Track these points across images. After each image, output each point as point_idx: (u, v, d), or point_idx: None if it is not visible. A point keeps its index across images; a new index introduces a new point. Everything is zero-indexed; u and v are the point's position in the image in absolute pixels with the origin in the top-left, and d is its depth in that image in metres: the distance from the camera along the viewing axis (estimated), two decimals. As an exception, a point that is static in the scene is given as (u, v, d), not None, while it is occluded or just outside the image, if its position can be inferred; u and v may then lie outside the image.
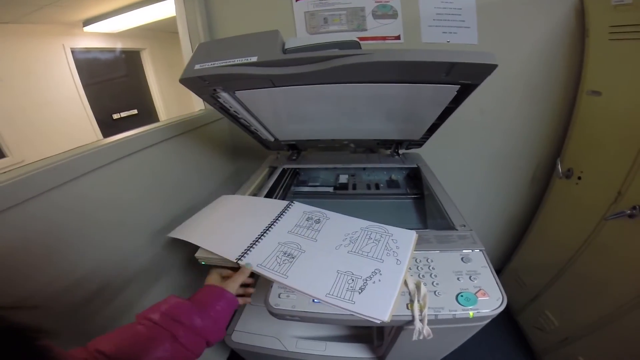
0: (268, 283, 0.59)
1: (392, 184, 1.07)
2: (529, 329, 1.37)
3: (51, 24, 2.11)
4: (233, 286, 0.59)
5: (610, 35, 0.97)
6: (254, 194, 0.93)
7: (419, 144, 1.05)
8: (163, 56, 2.88)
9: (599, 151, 1.05)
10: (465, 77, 0.59)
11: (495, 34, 1.09)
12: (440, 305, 0.52)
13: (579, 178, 1.13)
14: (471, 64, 0.54)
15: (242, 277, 0.61)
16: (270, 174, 1.04)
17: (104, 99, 2.55)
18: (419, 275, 0.57)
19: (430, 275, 0.57)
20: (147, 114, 2.87)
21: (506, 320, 1.48)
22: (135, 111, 2.83)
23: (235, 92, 0.71)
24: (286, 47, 0.62)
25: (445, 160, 1.18)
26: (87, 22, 2.25)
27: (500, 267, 1.51)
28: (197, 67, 0.63)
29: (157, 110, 2.94)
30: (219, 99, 0.74)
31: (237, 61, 0.60)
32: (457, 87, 0.63)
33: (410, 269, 0.58)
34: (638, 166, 0.90)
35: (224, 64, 0.61)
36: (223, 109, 0.81)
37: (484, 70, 0.55)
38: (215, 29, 1.19)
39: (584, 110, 1.11)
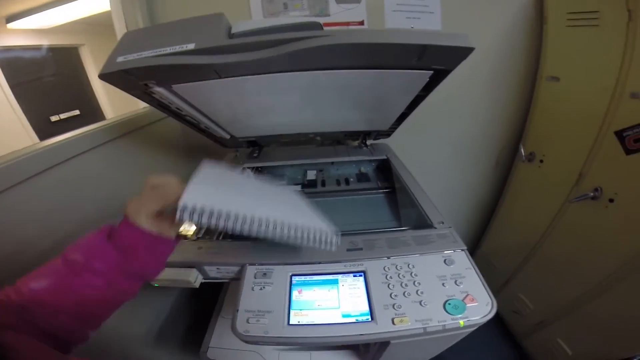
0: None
1: (362, 177, 1.02)
2: (506, 313, 1.41)
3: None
4: (173, 231, 0.48)
5: (568, 22, 0.98)
6: None
7: (387, 134, 1.00)
8: (106, 52, 2.59)
9: (559, 135, 1.08)
10: (439, 62, 0.54)
11: (458, 19, 1.07)
12: (428, 317, 0.47)
13: (541, 161, 1.16)
14: (445, 47, 0.48)
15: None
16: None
17: (38, 100, 2.25)
18: (401, 284, 0.52)
19: (414, 283, 0.52)
20: (91, 114, 2.59)
21: None
22: (77, 112, 2.54)
23: (172, 86, 0.59)
24: (233, 31, 0.52)
25: (411, 147, 1.15)
26: (11, 18, 2.00)
27: (472, 252, 1.53)
28: (119, 59, 0.51)
29: (102, 109, 2.66)
30: (154, 95, 0.62)
31: (169, 50, 0.50)
32: (430, 72, 0.57)
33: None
34: (597, 148, 0.93)
35: (152, 54, 0.50)
36: (162, 106, 0.69)
37: (459, 54, 0.50)
38: (158, 22, 1.04)
39: (543, 96, 1.14)
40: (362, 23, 1.03)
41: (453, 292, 0.51)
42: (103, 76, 0.52)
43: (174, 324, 1.05)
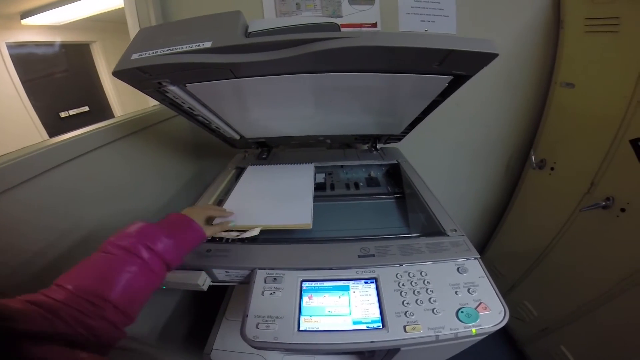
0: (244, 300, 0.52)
1: (371, 182, 1.01)
2: (509, 319, 1.39)
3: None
4: (212, 230, 0.60)
5: (586, 27, 0.97)
6: (220, 200, 0.84)
7: (399, 138, 1.00)
8: (117, 49, 2.62)
9: (572, 142, 1.07)
10: (459, 67, 0.53)
11: (473, 23, 1.06)
12: (441, 325, 0.47)
13: (552, 169, 1.15)
14: (469, 52, 0.47)
15: (219, 229, 0.62)
16: (238, 176, 0.94)
17: (48, 96, 2.26)
18: (413, 292, 0.52)
19: (427, 290, 0.52)
20: (100, 111, 2.59)
21: None
22: (86, 108, 2.55)
23: (187, 84, 0.60)
24: (250, 30, 0.52)
25: (420, 151, 1.15)
26: (26, 14, 2.00)
27: (477, 258, 1.53)
28: (134, 56, 0.51)
29: (112, 106, 2.67)
30: (167, 94, 0.62)
31: (185, 48, 0.49)
32: (449, 78, 0.56)
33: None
34: (611, 157, 0.91)
35: (168, 51, 0.50)
36: (174, 105, 0.69)
37: (482, 60, 0.49)
38: (170, 17, 1.04)
39: (557, 102, 1.12)
40: (375, 25, 1.01)
41: (466, 300, 0.50)
42: (117, 73, 0.52)
43: (177, 325, 1.05)
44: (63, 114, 2.43)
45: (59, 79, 2.40)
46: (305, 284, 0.54)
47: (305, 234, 0.69)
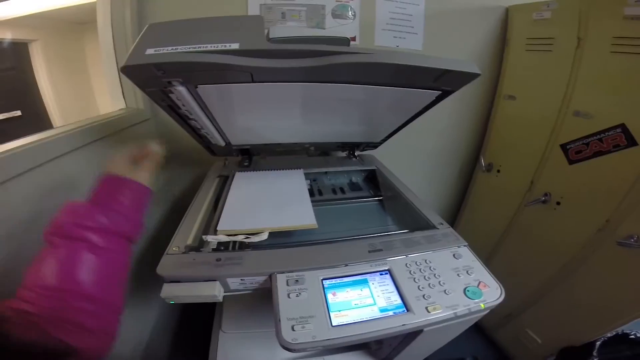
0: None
1: (353, 186, 1.06)
2: None
3: None
4: (143, 174, 0.54)
5: (527, 46, 1.13)
6: (208, 210, 0.81)
7: (376, 146, 1.07)
8: (60, 49, 2.29)
9: (514, 148, 1.23)
10: (448, 84, 0.61)
11: (436, 41, 1.18)
12: (455, 303, 0.53)
13: (498, 171, 1.30)
14: (460, 72, 0.55)
15: (152, 165, 0.57)
16: (224, 184, 0.92)
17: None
18: (424, 277, 0.57)
19: (434, 275, 0.58)
20: (35, 116, 2.24)
21: None
22: (18, 112, 2.19)
23: (198, 86, 0.57)
24: (271, 36, 0.53)
25: (385, 158, 1.20)
26: None
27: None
28: (149, 51, 0.47)
29: (49, 112, 2.32)
30: (170, 95, 0.58)
31: (210, 47, 0.48)
32: (438, 92, 0.65)
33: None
34: (546, 159, 1.07)
35: (194, 49, 0.48)
36: (171, 108, 0.65)
37: (468, 79, 0.58)
38: (147, 18, 0.97)
39: (501, 112, 1.29)
40: (354, 39, 1.09)
41: (468, 280, 0.58)
42: (127, 68, 0.47)
43: (159, 343, 0.98)
44: (-10, 118, 2.05)
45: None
46: (326, 282, 0.55)
47: (310, 236, 0.71)
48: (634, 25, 0.81)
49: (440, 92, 0.65)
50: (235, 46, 0.48)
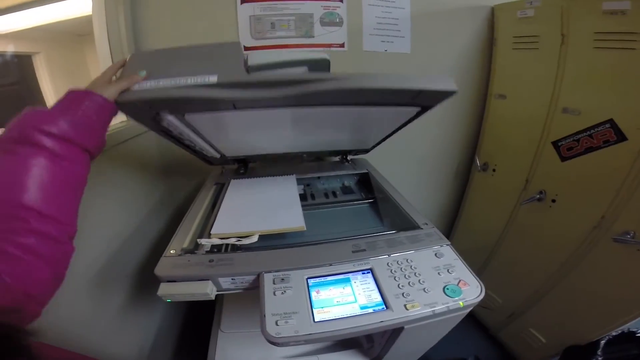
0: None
1: (346, 190, 1.09)
2: (477, 309, 1.51)
3: None
4: (110, 90, 0.49)
5: (513, 45, 1.14)
6: (205, 215, 0.85)
7: (366, 151, 1.09)
8: (63, 61, 2.39)
9: (507, 147, 1.23)
10: (427, 102, 0.64)
11: (424, 43, 1.20)
12: (434, 301, 0.55)
13: (494, 170, 1.31)
14: (436, 91, 0.57)
15: (125, 83, 0.51)
16: (220, 191, 0.96)
17: (-19, 110, 2.00)
18: (404, 276, 0.60)
19: (415, 274, 0.60)
20: None
21: None
22: (26, 126, 2.29)
23: (186, 115, 0.61)
24: (249, 63, 0.56)
25: (380, 163, 1.22)
26: None
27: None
28: (136, 87, 0.51)
29: (55, 123, 2.43)
30: (161, 122, 0.62)
31: (190, 81, 0.50)
32: (419, 108, 0.67)
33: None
34: (539, 157, 1.08)
35: (175, 84, 0.51)
36: (163, 132, 0.69)
37: (445, 95, 0.59)
38: (141, 31, 1.03)
39: (493, 112, 1.30)
40: (342, 45, 1.12)
41: (448, 279, 0.60)
42: (121, 105, 0.52)
43: (164, 346, 1.02)
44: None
45: (-5, 92, 2.14)
46: (311, 281, 0.59)
47: (298, 238, 0.73)
48: (613, 20, 0.81)
49: (419, 108, 0.67)
50: (213, 79, 0.50)
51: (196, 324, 0.97)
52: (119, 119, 1.09)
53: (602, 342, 0.96)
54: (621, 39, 0.81)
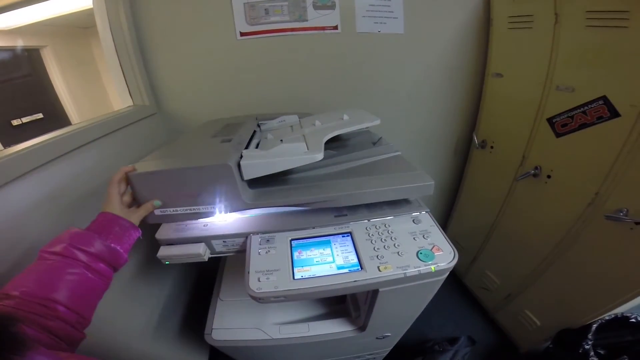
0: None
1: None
2: (476, 289, 1.55)
3: None
4: (133, 218, 0.60)
5: (509, 24, 1.14)
6: None
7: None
8: (70, 53, 2.51)
9: (504, 124, 1.24)
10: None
11: (418, 23, 1.21)
12: (406, 264, 0.58)
13: (492, 147, 1.32)
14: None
15: (144, 212, 0.62)
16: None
17: (-3, 103, 2.15)
18: (381, 240, 0.63)
19: (391, 238, 0.64)
20: (55, 117, 2.48)
21: (455, 284, 1.65)
22: (40, 115, 2.43)
23: None
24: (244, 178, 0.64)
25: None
26: None
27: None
28: (158, 212, 0.64)
29: (67, 112, 2.56)
30: None
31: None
32: None
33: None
34: (535, 133, 1.08)
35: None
36: None
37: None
38: (141, 20, 1.07)
39: (490, 90, 1.30)
40: (336, 27, 1.14)
41: (423, 244, 0.63)
42: None
43: (171, 314, 1.09)
44: (15, 122, 2.30)
45: (9, 86, 2.28)
46: (294, 242, 0.64)
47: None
48: (603, -2, 0.81)
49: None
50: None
51: (202, 295, 1.03)
52: (127, 104, 1.17)
53: (594, 326, 0.97)
54: (613, 17, 0.81)
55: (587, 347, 0.96)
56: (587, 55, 0.90)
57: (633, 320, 0.94)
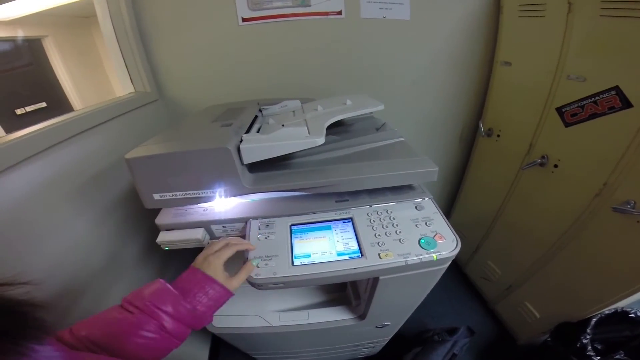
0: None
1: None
2: (477, 280, 1.54)
3: None
4: (233, 284, 0.54)
5: (520, 12, 1.11)
6: None
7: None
8: (72, 43, 2.52)
9: (512, 112, 1.22)
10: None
11: (424, 10, 1.18)
12: (407, 252, 0.57)
13: (498, 136, 1.30)
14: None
15: (245, 276, 0.55)
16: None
17: (1, 93, 2.16)
18: (382, 226, 0.62)
19: (392, 225, 0.62)
20: (58, 106, 2.50)
21: (456, 273, 1.65)
22: (43, 104, 2.45)
23: None
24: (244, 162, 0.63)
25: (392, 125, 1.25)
26: None
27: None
28: (156, 197, 0.62)
29: (70, 101, 2.57)
30: None
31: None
32: None
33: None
34: (543, 122, 1.07)
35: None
36: None
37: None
38: (141, 6, 1.05)
39: (498, 78, 1.28)
40: (340, 13, 1.11)
41: (425, 231, 0.61)
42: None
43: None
44: (19, 111, 2.32)
45: (11, 76, 2.29)
46: (294, 228, 0.63)
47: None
48: (620, -12, 0.78)
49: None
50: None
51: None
52: (128, 91, 1.16)
53: (594, 320, 0.96)
54: (628, 7, 0.79)
55: (585, 341, 0.95)
56: (600, 44, 0.87)
57: (632, 315, 0.93)
